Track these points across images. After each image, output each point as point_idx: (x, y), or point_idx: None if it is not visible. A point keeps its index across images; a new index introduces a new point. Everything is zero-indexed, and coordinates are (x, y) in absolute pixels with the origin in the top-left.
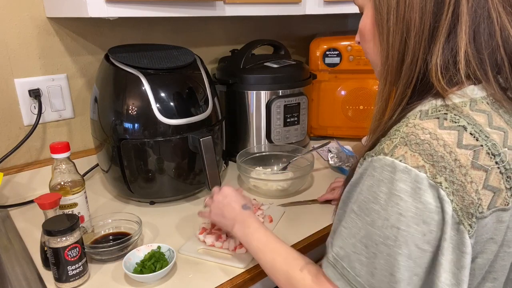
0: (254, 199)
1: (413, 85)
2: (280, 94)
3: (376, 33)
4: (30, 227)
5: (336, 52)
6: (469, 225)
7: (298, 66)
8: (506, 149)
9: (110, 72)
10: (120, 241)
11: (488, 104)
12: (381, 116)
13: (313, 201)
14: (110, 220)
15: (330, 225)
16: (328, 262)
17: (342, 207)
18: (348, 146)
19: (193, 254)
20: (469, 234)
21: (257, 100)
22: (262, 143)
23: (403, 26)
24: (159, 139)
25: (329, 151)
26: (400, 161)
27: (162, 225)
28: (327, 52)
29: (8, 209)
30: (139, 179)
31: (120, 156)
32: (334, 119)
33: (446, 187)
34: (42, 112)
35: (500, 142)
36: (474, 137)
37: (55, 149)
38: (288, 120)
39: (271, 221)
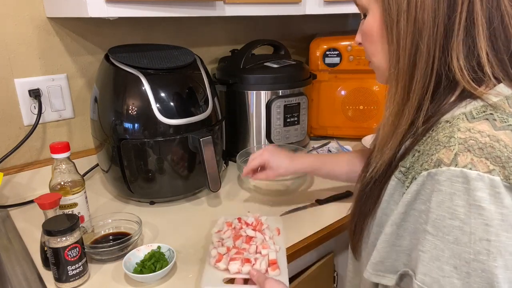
0: (249, 212)
1: (433, 88)
2: (280, 94)
3: (384, 35)
4: (30, 227)
5: (336, 52)
6: None
7: (298, 66)
8: None
9: (110, 72)
10: (120, 241)
11: None
12: (395, 120)
13: (312, 205)
14: (110, 220)
15: (330, 225)
16: None
17: (382, 227)
18: (348, 146)
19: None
20: None
21: (257, 100)
22: (262, 143)
23: (415, 28)
24: (159, 139)
25: (329, 151)
26: (470, 169)
27: (162, 225)
28: (327, 52)
29: (8, 209)
30: (139, 179)
31: (120, 156)
32: (334, 119)
33: None
34: (42, 112)
35: None
36: None
37: (55, 149)
38: (288, 120)
39: (279, 233)
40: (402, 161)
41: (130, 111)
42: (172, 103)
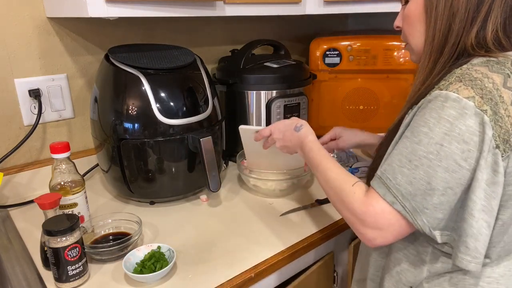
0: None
1: (453, 60)
2: (280, 94)
3: (424, 18)
4: (30, 227)
5: (336, 52)
6: (503, 149)
7: (298, 66)
8: None
9: (110, 72)
10: (120, 241)
11: None
12: (421, 87)
13: (312, 205)
14: (110, 220)
15: (330, 225)
16: (375, 177)
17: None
18: None
19: None
20: (502, 156)
21: (257, 100)
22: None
23: (450, 12)
24: (159, 139)
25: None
26: (453, 92)
27: (162, 225)
28: (327, 52)
29: (8, 209)
30: (139, 179)
31: (120, 156)
32: (334, 119)
33: (490, 115)
34: (42, 112)
35: None
36: None
37: (55, 149)
38: None
39: None
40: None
41: (130, 111)
42: (172, 103)
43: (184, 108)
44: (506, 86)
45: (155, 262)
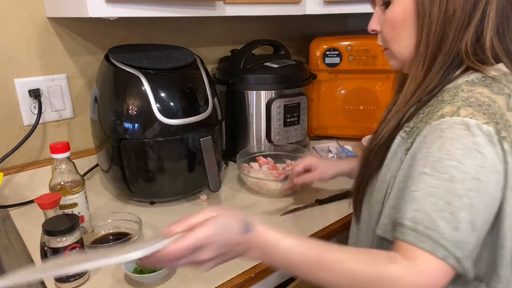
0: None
1: (446, 68)
2: (280, 94)
3: (413, 23)
4: (30, 227)
5: (336, 52)
6: None
7: (298, 66)
8: None
9: (110, 72)
10: (120, 241)
11: None
12: (411, 97)
13: (312, 205)
14: (110, 220)
15: (330, 225)
16: (406, 228)
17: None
18: (348, 146)
19: None
20: None
21: (257, 100)
22: (262, 143)
23: (444, 17)
24: (159, 139)
25: (329, 151)
26: (471, 118)
27: (162, 225)
28: (327, 52)
29: (8, 209)
30: (139, 179)
31: (120, 156)
32: (334, 119)
33: (509, 141)
34: (42, 112)
35: None
36: None
37: (55, 149)
38: (288, 120)
39: None
40: (407, 123)
41: (130, 111)
42: (172, 103)
43: (184, 108)
44: (509, 108)
45: None
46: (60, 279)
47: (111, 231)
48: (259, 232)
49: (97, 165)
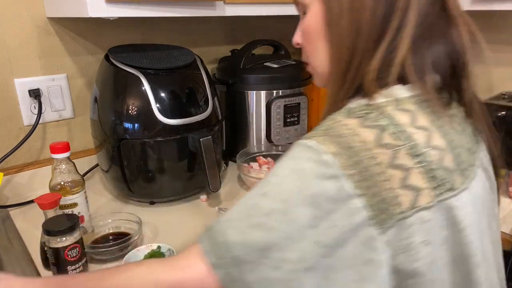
0: None
1: (354, 88)
2: (280, 94)
3: (326, 34)
4: (30, 227)
5: None
6: (381, 220)
7: (298, 66)
8: (430, 148)
9: (110, 72)
10: (120, 241)
11: (414, 103)
12: (323, 119)
13: None
14: (110, 220)
15: None
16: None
17: None
18: None
19: None
20: (380, 229)
21: (257, 100)
22: (262, 143)
23: (355, 29)
24: (159, 139)
25: None
26: (317, 143)
27: (162, 225)
28: None
29: (8, 209)
30: (139, 179)
31: (120, 156)
32: None
33: (357, 181)
34: (42, 112)
35: (422, 142)
36: (394, 137)
37: (55, 149)
38: (288, 120)
39: None
40: None
41: (130, 111)
42: (172, 103)
43: (184, 108)
44: (380, 144)
45: None
46: None
47: (111, 231)
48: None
49: (97, 165)
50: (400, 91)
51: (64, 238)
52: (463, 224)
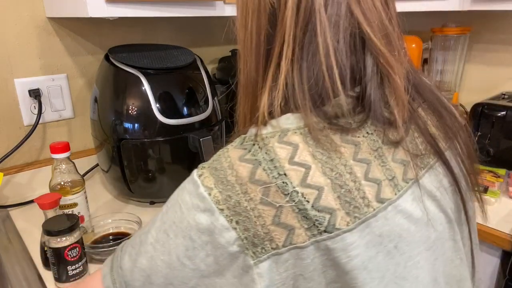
0: None
1: (253, 114)
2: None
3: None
4: (30, 227)
5: None
6: (253, 253)
7: None
8: (301, 187)
9: (110, 72)
10: (120, 241)
11: (301, 134)
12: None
13: None
14: (110, 220)
15: None
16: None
17: None
18: None
19: None
20: (254, 261)
21: None
22: None
23: (244, 52)
24: (159, 139)
25: None
26: (199, 176)
27: None
28: None
29: (8, 209)
30: (139, 179)
31: (120, 156)
32: None
33: (228, 215)
34: (42, 112)
35: (295, 180)
36: (266, 173)
37: (55, 149)
38: None
39: None
40: None
41: (130, 111)
42: (172, 103)
43: (184, 108)
44: (253, 180)
45: None
46: (60, 279)
47: (111, 231)
48: None
49: (97, 165)
50: (288, 121)
51: (64, 238)
52: (349, 267)
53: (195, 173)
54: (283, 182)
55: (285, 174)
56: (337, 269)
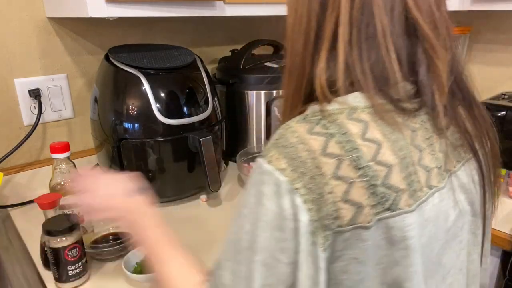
0: None
1: (306, 93)
2: (280, 94)
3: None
4: (30, 227)
5: None
6: (324, 237)
7: None
8: (373, 163)
9: (110, 72)
10: (120, 241)
11: (369, 114)
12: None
13: None
14: None
15: None
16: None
17: None
18: None
19: None
20: (322, 247)
21: (257, 100)
22: (262, 143)
23: (294, 30)
24: (159, 139)
25: None
26: (268, 162)
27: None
28: None
29: (8, 209)
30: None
31: (120, 156)
32: None
33: (303, 194)
34: (42, 112)
35: (368, 155)
36: (339, 146)
37: (55, 149)
38: None
39: None
40: None
41: (130, 111)
42: (172, 103)
43: (184, 108)
44: (325, 153)
45: None
46: (60, 279)
47: (111, 231)
48: (149, 199)
49: (97, 165)
50: (356, 99)
51: (64, 238)
52: (402, 245)
53: (262, 162)
54: (357, 156)
55: (357, 149)
56: (389, 248)
